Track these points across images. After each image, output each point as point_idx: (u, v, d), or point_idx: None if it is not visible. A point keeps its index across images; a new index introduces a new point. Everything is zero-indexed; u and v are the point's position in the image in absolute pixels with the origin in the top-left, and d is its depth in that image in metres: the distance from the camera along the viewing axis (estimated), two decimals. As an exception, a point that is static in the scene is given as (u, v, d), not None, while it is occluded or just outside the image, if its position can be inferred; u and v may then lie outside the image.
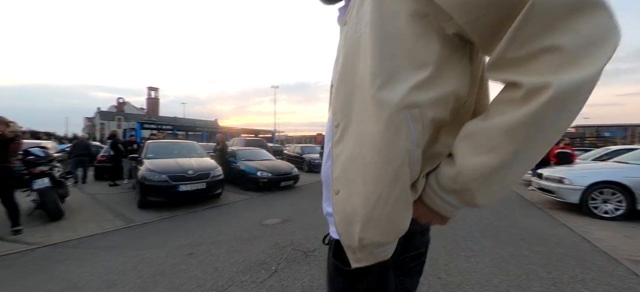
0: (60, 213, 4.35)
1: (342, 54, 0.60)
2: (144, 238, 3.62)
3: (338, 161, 0.58)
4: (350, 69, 0.56)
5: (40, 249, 3.22)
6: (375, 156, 0.51)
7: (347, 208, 0.56)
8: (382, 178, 0.50)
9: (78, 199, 5.91)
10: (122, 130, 13.65)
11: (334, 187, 0.59)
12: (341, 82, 0.58)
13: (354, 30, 0.57)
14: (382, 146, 0.50)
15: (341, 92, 0.58)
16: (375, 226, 0.52)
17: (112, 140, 8.29)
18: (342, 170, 0.57)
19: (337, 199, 0.58)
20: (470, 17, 0.44)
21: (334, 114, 0.60)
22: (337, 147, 0.59)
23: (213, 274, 2.60)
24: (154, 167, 5.23)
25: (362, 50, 0.54)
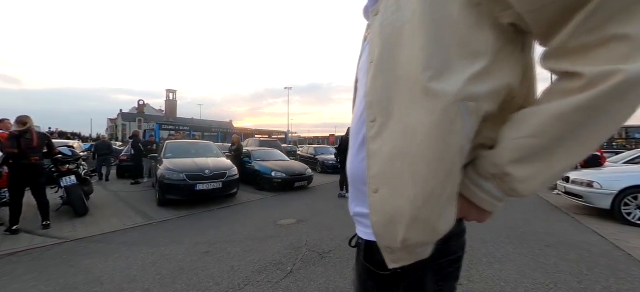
0: (85, 209, 4.54)
1: (377, 45, 0.56)
2: (162, 235, 3.71)
3: (377, 157, 0.54)
4: (388, 60, 0.53)
5: (67, 243, 3.37)
6: (426, 150, 0.47)
7: (388, 207, 0.52)
8: (436, 175, 0.47)
9: (102, 196, 6.17)
10: (142, 131, 14.20)
11: (371, 185, 0.55)
12: (378, 74, 0.55)
13: (393, 19, 0.53)
14: (436, 140, 0.47)
15: (378, 84, 0.55)
16: (423, 225, 0.49)
17: (133, 140, 8.62)
18: (383, 167, 0.53)
19: (376, 198, 0.54)
20: (534, 5, 0.42)
21: (369, 108, 0.56)
22: (375, 143, 0.55)
23: (229, 273, 2.62)
24: (172, 166, 5.37)
25: (406, 40, 0.50)
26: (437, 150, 0.47)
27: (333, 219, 4.52)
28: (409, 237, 0.51)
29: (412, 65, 0.49)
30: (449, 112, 0.46)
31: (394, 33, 0.53)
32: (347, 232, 3.88)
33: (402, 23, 0.51)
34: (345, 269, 2.71)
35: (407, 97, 0.50)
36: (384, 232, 0.54)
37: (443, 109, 0.46)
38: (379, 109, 0.54)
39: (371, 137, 0.56)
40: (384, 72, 0.54)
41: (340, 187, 6.43)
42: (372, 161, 0.55)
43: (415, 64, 0.48)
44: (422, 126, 0.48)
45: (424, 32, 0.48)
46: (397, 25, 0.52)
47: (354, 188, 0.67)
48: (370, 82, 0.57)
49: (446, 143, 0.47)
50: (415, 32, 0.49)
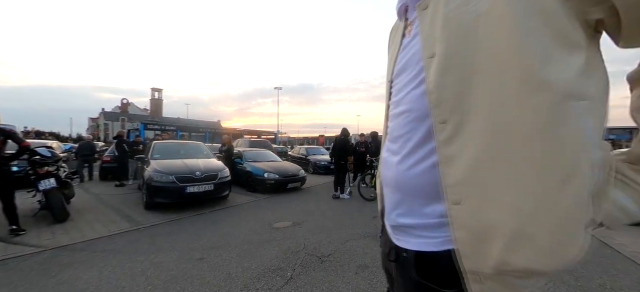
0: (66, 214, 4.26)
1: (441, 39, 0.50)
2: (151, 241, 3.52)
3: (457, 163, 0.48)
4: (462, 54, 0.47)
5: (46, 252, 3.13)
6: (531, 150, 0.41)
7: (478, 221, 0.45)
8: (545, 179, 0.40)
9: (84, 199, 5.83)
10: (127, 131, 13.67)
11: (451, 196, 0.48)
12: (449, 70, 0.49)
13: (463, 11, 0.48)
14: (544, 138, 0.41)
15: (449, 80, 0.48)
16: (529, 244, 0.41)
17: (118, 141, 8.24)
18: (467, 174, 0.46)
19: (460, 211, 0.47)
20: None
21: (436, 107, 0.50)
22: (451, 147, 0.48)
23: (226, 280, 2.48)
24: (161, 168, 5.14)
25: (487, 32, 0.45)
26: (547, 149, 0.41)
27: (329, 221, 4.45)
28: (510, 260, 0.42)
29: (503, 57, 0.43)
30: (561, 106, 0.40)
31: (466, 25, 0.47)
32: (345, 234, 3.85)
33: (478, 15, 0.46)
34: (346, 273, 2.64)
35: (497, 92, 0.44)
36: (472, 252, 0.46)
37: (552, 103, 0.40)
38: (452, 108, 0.48)
39: (444, 140, 0.49)
40: (456, 67, 0.48)
41: (335, 188, 6.36)
42: (448, 168, 0.49)
43: (507, 55, 0.42)
44: (524, 124, 0.41)
45: (514, 22, 0.42)
46: (470, 17, 0.47)
47: (405, 199, 0.59)
48: (436, 78, 0.50)
49: (560, 142, 0.40)
50: (500, 23, 0.43)
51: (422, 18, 0.56)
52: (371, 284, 2.45)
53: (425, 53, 0.53)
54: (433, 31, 0.53)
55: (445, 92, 0.49)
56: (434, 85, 0.51)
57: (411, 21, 0.62)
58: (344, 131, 6.56)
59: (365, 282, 2.47)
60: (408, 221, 0.58)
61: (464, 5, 0.48)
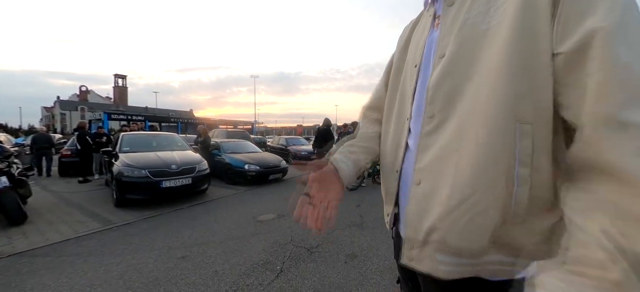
0: (23, 216, 3.84)
1: (452, 43, 0.54)
2: (126, 241, 3.28)
3: (428, 152, 0.56)
4: (464, 62, 0.52)
5: (3, 259, 2.80)
6: (475, 154, 0.48)
7: (424, 199, 0.55)
8: (478, 179, 0.48)
9: (43, 198, 5.29)
10: (88, 122, 12.47)
11: (415, 178, 0.57)
12: (449, 72, 0.54)
13: (477, 22, 0.51)
14: (488, 147, 0.47)
15: (447, 83, 0.54)
16: (450, 225, 0.50)
17: (79, 133, 7.52)
18: (431, 161, 0.55)
19: (417, 190, 0.57)
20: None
21: (430, 103, 0.56)
22: (428, 139, 0.56)
23: (213, 279, 2.39)
24: (132, 162, 4.78)
25: (488, 46, 0.49)
26: (486, 157, 0.47)
27: (314, 211, 4.43)
28: (432, 233, 0.52)
29: (487, 73, 0.48)
30: (508, 125, 0.46)
31: (476, 35, 0.51)
32: (336, 223, 3.85)
33: (487, 29, 0.50)
34: (336, 263, 2.65)
35: (472, 101, 0.50)
36: (414, 222, 0.56)
37: (504, 121, 0.46)
38: (440, 108, 0.54)
39: (426, 132, 0.57)
40: (456, 72, 0.53)
41: (318, 178, 6.35)
42: (422, 155, 0.57)
43: (489, 73, 0.48)
44: (477, 132, 0.48)
45: (506, 45, 0.46)
46: (481, 29, 0.50)
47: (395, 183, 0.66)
48: (437, 78, 0.55)
49: (498, 153, 0.46)
50: (498, 43, 0.47)
51: (445, 15, 0.58)
52: (361, 272, 2.48)
53: (438, 53, 0.57)
54: (450, 32, 0.55)
55: (439, 92, 0.55)
56: (434, 82, 0.56)
57: (440, 15, 0.62)
58: (326, 121, 6.53)
59: (356, 271, 2.50)
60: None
61: (481, 16, 0.51)
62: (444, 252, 0.52)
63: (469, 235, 0.49)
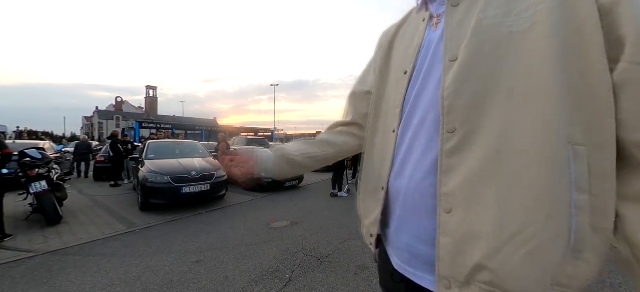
0: (59, 217, 4.17)
1: (467, 45, 0.49)
2: (147, 244, 3.45)
3: (455, 173, 0.48)
4: (487, 67, 0.47)
5: (38, 257, 3.05)
6: (527, 181, 0.43)
7: (462, 231, 0.48)
8: (532, 211, 0.42)
9: (77, 201, 5.73)
10: (121, 130, 13.57)
11: (444, 204, 0.49)
12: (469, 79, 0.48)
13: (499, 22, 0.47)
14: (540, 174, 0.42)
15: (467, 89, 0.48)
16: (500, 264, 0.43)
17: (112, 141, 8.12)
18: (463, 185, 0.47)
19: (448, 218, 0.49)
20: None
21: (449, 115, 0.49)
22: (452, 158, 0.48)
23: (223, 284, 2.43)
24: (156, 169, 5.05)
25: (519, 53, 0.45)
26: (539, 185, 0.42)
27: (328, 220, 4.40)
28: (479, 272, 0.45)
29: (525, 85, 0.44)
30: (562, 149, 0.41)
31: (498, 39, 0.46)
32: (344, 233, 3.81)
33: (512, 33, 0.45)
34: (346, 274, 2.60)
35: (510, 116, 0.44)
36: (451, 258, 0.48)
37: (557, 144, 0.41)
38: (463, 119, 0.47)
39: (450, 150, 0.48)
40: (477, 78, 0.47)
41: (333, 187, 6.32)
42: (447, 177, 0.49)
43: (531, 86, 0.43)
44: (526, 155, 0.43)
45: (549, 58, 0.42)
46: (505, 32, 0.46)
47: (413, 209, 0.56)
48: (453, 85, 0.49)
49: (553, 181, 0.41)
50: (534, 51, 0.44)
51: (451, 15, 0.53)
52: (371, 285, 2.41)
53: (448, 55, 0.51)
54: (460, 33, 0.50)
55: (459, 101, 0.48)
56: (450, 90, 0.49)
57: (439, 15, 0.58)
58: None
59: (365, 284, 2.43)
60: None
61: (503, 17, 0.46)
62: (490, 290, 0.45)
63: (527, 275, 0.42)
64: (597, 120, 0.41)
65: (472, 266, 0.45)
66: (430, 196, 0.51)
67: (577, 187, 0.40)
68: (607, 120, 0.41)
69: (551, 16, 0.42)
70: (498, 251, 0.43)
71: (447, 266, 0.48)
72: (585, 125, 0.41)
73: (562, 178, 0.41)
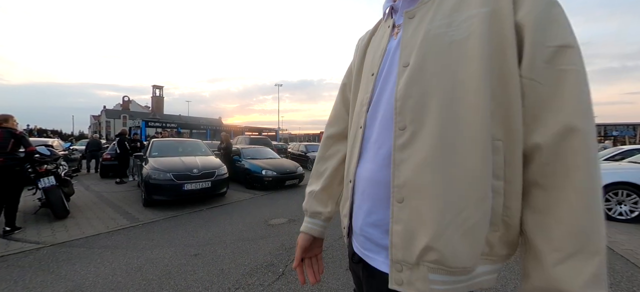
0: (66, 212, 4.34)
1: (417, 53, 0.55)
2: (148, 237, 3.58)
3: (405, 166, 0.54)
4: (431, 71, 0.53)
5: (46, 248, 3.20)
6: (463, 170, 0.50)
7: (412, 218, 0.53)
8: (468, 195, 0.49)
9: (84, 197, 5.92)
10: (129, 129, 13.98)
11: (397, 195, 0.54)
12: (416, 82, 0.54)
13: (442, 32, 0.53)
14: (473, 162, 0.49)
15: (414, 92, 0.54)
16: (443, 244, 0.49)
17: (120, 139, 8.34)
18: (413, 176, 0.52)
19: (401, 208, 0.54)
20: None
21: (399, 114, 0.55)
22: (403, 152, 0.54)
23: (219, 276, 2.54)
24: (159, 166, 5.20)
25: (456, 58, 0.51)
26: (472, 173, 0.49)
27: (325, 218, 4.49)
28: (427, 253, 0.50)
29: (460, 87, 0.50)
30: (487, 142, 0.48)
31: (441, 46, 0.53)
32: (339, 231, 3.85)
33: (452, 41, 0.52)
34: (338, 269, 2.69)
35: (448, 113, 0.51)
36: (403, 244, 0.53)
37: (484, 137, 0.48)
38: (411, 118, 0.53)
39: (400, 145, 0.54)
40: (423, 81, 0.53)
41: (332, 186, 6.40)
42: (398, 170, 0.54)
43: (463, 87, 0.50)
44: (461, 147, 0.49)
45: (479, 62, 0.49)
46: (446, 40, 0.52)
47: (368, 197, 0.62)
48: (404, 87, 0.55)
49: (482, 169, 0.48)
50: (467, 57, 0.50)
51: (407, 26, 0.59)
52: (361, 279, 2.50)
53: (402, 61, 0.57)
54: (413, 42, 0.57)
55: (408, 102, 0.54)
56: (401, 94, 0.55)
57: (399, 25, 0.64)
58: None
59: (355, 278, 2.52)
60: (373, 219, 0.60)
61: (446, 27, 0.53)
62: (438, 272, 0.50)
63: (464, 250, 0.49)
64: (510, 120, 0.49)
65: (421, 249, 0.50)
66: (384, 186, 0.56)
67: (495, 175, 0.49)
68: (517, 120, 0.49)
69: (482, 27, 0.49)
70: (442, 233, 0.49)
71: (400, 251, 0.52)
72: (503, 124, 0.49)
73: (487, 168, 0.48)
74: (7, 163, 3.53)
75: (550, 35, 0.47)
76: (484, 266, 0.52)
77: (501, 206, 0.50)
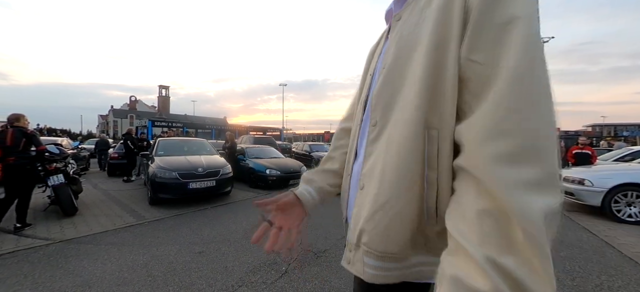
0: (74, 209, 4.42)
1: (391, 54, 0.58)
2: (154, 235, 3.64)
3: (370, 158, 0.58)
4: (397, 72, 0.55)
5: (54, 244, 3.27)
6: (397, 159, 0.52)
7: (362, 202, 0.57)
8: (398, 182, 0.51)
9: (92, 195, 6.03)
10: (135, 128, 14.31)
11: (360, 183, 0.60)
12: (387, 82, 0.57)
13: (409, 33, 0.55)
14: (406, 154, 0.50)
15: (385, 91, 0.57)
16: (373, 228, 0.53)
17: (125, 138, 8.46)
18: (371, 167, 0.57)
19: (360, 194, 0.59)
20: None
21: (373, 111, 0.59)
22: (372, 146, 0.58)
23: (223, 274, 2.57)
24: (164, 165, 5.27)
25: (414, 57, 0.52)
26: (404, 162, 0.50)
27: (327, 217, 4.48)
28: (361, 235, 0.54)
29: (408, 86, 0.52)
30: (420, 132, 0.49)
31: (408, 47, 0.54)
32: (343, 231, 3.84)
33: (416, 41, 0.52)
34: (341, 269, 2.68)
35: (400, 111, 0.53)
36: (353, 225, 0.58)
37: (416, 132, 0.49)
38: (380, 115, 0.57)
39: (371, 139, 0.59)
40: (392, 82, 0.56)
41: (336, 185, 6.40)
42: (366, 161, 0.59)
43: (411, 84, 0.51)
44: (399, 140, 0.52)
45: (422, 58, 0.49)
46: (412, 40, 0.53)
47: (352, 187, 0.65)
48: (379, 87, 0.59)
49: (414, 158, 0.49)
50: (417, 56, 0.51)
51: (394, 29, 0.62)
52: (364, 279, 2.49)
53: (383, 63, 0.60)
54: (391, 45, 0.59)
55: (380, 100, 0.58)
56: (375, 93, 0.59)
57: (390, 27, 0.66)
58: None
59: (358, 277, 2.52)
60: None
61: (412, 27, 0.54)
62: (370, 256, 0.53)
63: (389, 237, 0.51)
64: (445, 108, 0.47)
65: (358, 230, 0.55)
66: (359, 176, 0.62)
67: (429, 165, 0.48)
68: (450, 107, 0.46)
69: (435, 14, 0.48)
70: (371, 217, 0.52)
71: (351, 231, 0.59)
72: (438, 112, 0.47)
73: (416, 157, 0.49)
74: (19, 162, 3.62)
75: (496, 13, 0.41)
76: (420, 256, 0.52)
77: (435, 198, 0.48)
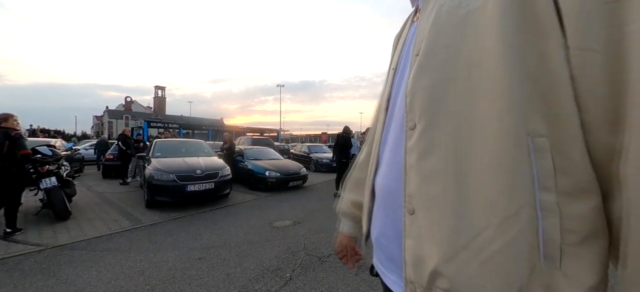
0: (68, 213, 4.27)
1: (426, 37, 0.47)
2: (151, 240, 3.50)
3: (415, 171, 0.46)
4: (442, 56, 0.44)
5: (47, 250, 3.13)
6: (483, 181, 0.38)
7: (424, 234, 0.45)
8: (488, 214, 0.38)
9: (86, 197, 5.86)
10: (131, 129, 14.15)
11: (408, 205, 0.47)
12: (424, 72, 0.46)
13: (455, 5, 0.43)
14: (499, 173, 0.37)
15: (422, 84, 0.46)
16: (454, 272, 0.40)
17: (118, 139, 8.29)
18: (422, 184, 0.45)
19: (411, 220, 0.47)
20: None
21: (409, 112, 0.47)
22: (413, 155, 0.46)
23: (224, 281, 2.46)
24: (161, 167, 5.13)
25: (474, 33, 0.40)
26: (497, 186, 0.37)
27: (330, 220, 4.40)
28: (436, 279, 0.42)
29: (481, 69, 0.39)
30: (520, 142, 0.36)
31: (454, 24, 0.43)
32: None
33: (468, 12, 0.41)
34: (347, 274, 2.60)
35: (467, 108, 0.40)
36: (416, 262, 0.45)
37: (514, 141, 0.36)
38: (420, 115, 0.45)
39: (411, 148, 0.47)
40: (432, 69, 0.45)
41: (337, 187, 6.31)
42: (409, 176, 0.47)
43: (486, 69, 0.38)
44: (484, 151, 0.38)
45: (502, 32, 0.37)
46: (461, 13, 0.42)
47: (382, 205, 0.56)
48: (412, 80, 0.47)
49: (512, 180, 0.36)
50: (488, 28, 0.38)
51: (424, 7, 0.51)
52: (371, 285, 2.41)
53: (415, 50, 0.49)
54: (425, 26, 0.48)
55: (417, 96, 0.46)
56: (410, 87, 0.48)
57: (419, 9, 0.56)
58: (346, 129, 6.54)
59: (366, 284, 2.43)
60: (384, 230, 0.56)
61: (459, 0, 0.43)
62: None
63: (486, 285, 0.37)
64: (556, 108, 0.35)
65: (430, 272, 0.42)
66: (398, 194, 0.49)
67: (542, 186, 0.35)
68: (567, 107, 0.34)
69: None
70: (453, 257, 0.40)
71: (412, 270, 0.46)
72: (545, 113, 0.35)
73: (521, 176, 0.35)
74: (2, 165, 3.44)
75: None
76: None
77: (558, 229, 0.34)
